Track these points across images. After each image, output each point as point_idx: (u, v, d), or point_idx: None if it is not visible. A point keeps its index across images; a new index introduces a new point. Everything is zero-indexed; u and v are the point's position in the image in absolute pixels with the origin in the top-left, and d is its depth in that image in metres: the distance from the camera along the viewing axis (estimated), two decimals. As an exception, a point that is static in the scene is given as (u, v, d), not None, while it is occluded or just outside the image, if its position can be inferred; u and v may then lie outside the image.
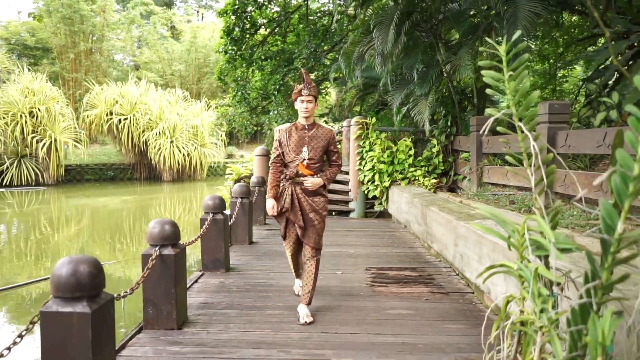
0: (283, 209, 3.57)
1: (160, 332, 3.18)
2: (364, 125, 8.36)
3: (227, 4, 11.73)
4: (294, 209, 3.54)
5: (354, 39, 7.85)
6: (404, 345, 3.09)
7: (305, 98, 3.47)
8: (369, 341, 3.16)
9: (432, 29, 7.28)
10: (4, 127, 20.66)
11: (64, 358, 2.15)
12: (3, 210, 15.62)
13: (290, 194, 3.54)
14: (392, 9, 6.68)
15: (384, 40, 6.43)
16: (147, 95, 24.36)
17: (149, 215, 14.85)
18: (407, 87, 6.99)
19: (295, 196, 3.54)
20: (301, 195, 3.54)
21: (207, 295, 4.09)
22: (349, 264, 5.22)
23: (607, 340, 1.23)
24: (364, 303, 3.93)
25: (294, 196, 3.54)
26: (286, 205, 3.54)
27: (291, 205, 3.54)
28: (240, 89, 13.15)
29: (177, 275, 3.19)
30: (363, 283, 4.53)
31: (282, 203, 3.57)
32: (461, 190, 7.33)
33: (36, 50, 27.03)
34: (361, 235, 6.93)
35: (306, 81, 3.50)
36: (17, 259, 9.07)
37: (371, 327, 3.42)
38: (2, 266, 8.60)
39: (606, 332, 1.22)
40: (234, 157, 29.66)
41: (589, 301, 1.38)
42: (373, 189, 8.25)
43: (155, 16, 30.76)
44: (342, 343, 3.12)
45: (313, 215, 3.55)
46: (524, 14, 6.08)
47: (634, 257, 1.31)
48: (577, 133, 4.42)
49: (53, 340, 2.16)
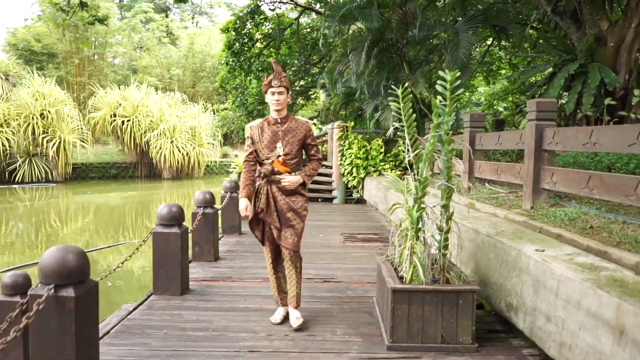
0: (258, 209, 3.31)
1: (167, 296, 3.96)
2: (344, 128, 10.24)
3: (229, 22, 13.55)
4: (269, 209, 3.28)
5: (335, 59, 9.71)
6: (361, 268, 4.95)
7: (275, 89, 3.25)
8: (338, 267, 5.02)
9: (398, 52, 9.16)
10: (17, 127, 22.25)
11: (167, 265, 3.96)
12: (15, 205, 16.92)
13: (266, 193, 3.29)
14: (364, 37, 8.55)
15: (357, 63, 8.29)
16: (148, 98, 26.03)
17: (150, 210, 16.06)
18: (376, 98, 8.85)
19: (270, 195, 3.29)
20: (278, 194, 3.30)
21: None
22: (329, 231, 7.09)
23: (415, 224, 3.08)
24: (337, 250, 5.82)
25: (269, 195, 3.29)
26: (261, 206, 3.28)
27: (266, 206, 3.28)
28: (239, 95, 14.99)
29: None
30: (338, 241, 6.39)
31: (257, 204, 3.32)
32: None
33: (42, 55, 28.57)
34: (341, 214, 8.81)
35: (276, 71, 3.28)
36: (28, 251, 9.69)
37: (340, 261, 5.30)
38: (15, 258, 8.98)
39: (414, 217, 3.08)
40: (229, 157, 31.37)
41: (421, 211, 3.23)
42: (351, 179, 10.14)
43: (154, 23, 32.46)
44: (320, 266, 4.98)
45: (291, 215, 3.30)
46: (463, 43, 7.98)
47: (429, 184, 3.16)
48: (505, 134, 6.26)
49: (160, 250, 3.96)
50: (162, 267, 3.95)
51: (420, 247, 3.16)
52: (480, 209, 5.12)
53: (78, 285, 2.20)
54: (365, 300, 3.96)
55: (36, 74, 23.98)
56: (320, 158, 3.49)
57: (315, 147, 3.47)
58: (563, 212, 4.08)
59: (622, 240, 3.12)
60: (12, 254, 9.39)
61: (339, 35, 9.67)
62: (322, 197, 10.73)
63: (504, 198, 5.41)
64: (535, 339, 2.86)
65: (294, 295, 3.41)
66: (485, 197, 5.59)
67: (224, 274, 4.75)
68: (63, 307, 2.11)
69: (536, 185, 4.53)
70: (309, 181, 3.40)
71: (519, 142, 5.02)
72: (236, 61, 13.88)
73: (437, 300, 2.97)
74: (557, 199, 4.59)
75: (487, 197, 5.59)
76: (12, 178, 22.48)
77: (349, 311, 3.72)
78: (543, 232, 3.69)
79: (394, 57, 9.15)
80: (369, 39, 8.48)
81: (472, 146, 6.46)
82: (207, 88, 32.58)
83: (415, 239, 3.22)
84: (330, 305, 3.86)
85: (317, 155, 3.46)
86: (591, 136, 3.68)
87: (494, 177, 5.93)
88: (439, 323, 2.98)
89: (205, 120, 27.17)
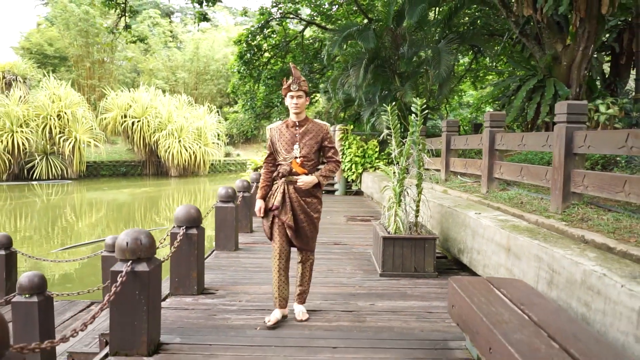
0: (272, 206, 3.38)
1: (226, 251, 5.67)
2: (345, 131, 11.93)
3: (241, 35, 15.23)
4: (284, 207, 3.35)
5: (337, 72, 11.40)
6: (360, 237, 6.62)
7: (294, 93, 3.32)
8: (344, 235, 6.71)
9: (390, 66, 10.85)
10: (36, 128, 23.79)
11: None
12: (33, 200, 18.11)
13: (282, 191, 3.36)
14: (362, 55, 10.23)
15: (357, 76, 9.97)
16: (156, 100, 27.62)
17: (159, 205, 17.24)
18: (372, 106, 10.53)
19: (287, 195, 3.36)
20: (293, 195, 3.37)
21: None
22: (335, 214, 8.78)
23: (398, 196, 4.76)
24: (342, 227, 7.50)
25: (286, 194, 3.36)
26: (276, 203, 3.35)
27: (282, 204, 3.35)
28: (248, 99, 16.68)
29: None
30: (342, 221, 8.08)
31: (272, 200, 3.40)
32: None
33: (54, 58, 30.09)
34: (343, 203, 10.51)
35: (295, 76, 3.34)
36: (45, 244, 10.17)
37: (345, 233, 6.98)
38: (32, 250, 9.30)
39: (397, 192, 4.76)
40: (231, 156, 32.99)
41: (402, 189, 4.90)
42: (351, 174, 11.82)
43: (160, 28, 34.07)
44: (331, 235, 6.65)
45: (304, 217, 3.38)
46: (444, 61, 9.67)
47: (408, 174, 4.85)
48: (471, 137, 7.97)
49: (220, 218, 5.60)
50: (222, 231, 5.60)
51: (402, 211, 4.84)
52: (451, 194, 6.81)
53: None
54: (364, 253, 5.65)
55: (52, 77, 25.50)
56: (338, 160, 3.49)
57: (333, 149, 3.49)
58: (507, 194, 5.77)
59: (535, 209, 4.81)
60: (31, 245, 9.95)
61: (341, 51, 11.34)
62: (326, 189, 12.42)
63: (470, 186, 7.09)
64: (472, 267, 4.54)
65: (302, 292, 3.58)
66: (457, 186, 7.28)
67: (259, 240, 6.42)
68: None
69: (490, 175, 6.20)
70: (324, 182, 3.44)
71: (480, 144, 6.70)
72: (246, 70, 15.54)
73: (411, 245, 4.64)
74: (504, 185, 6.28)
75: (457, 186, 7.28)
76: (30, 175, 24.02)
77: (353, 259, 5.41)
78: (490, 207, 5.38)
79: (387, 71, 10.83)
80: (366, 57, 10.17)
81: (449, 146, 8.15)
82: (210, 90, 34.21)
83: (398, 206, 4.90)
84: (340, 257, 5.53)
85: (334, 157, 3.47)
86: (523, 139, 5.37)
87: (463, 170, 7.63)
88: (413, 259, 4.65)
89: (210, 121, 28.79)
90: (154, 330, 2.97)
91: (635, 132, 3.62)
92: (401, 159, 4.85)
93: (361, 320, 3.52)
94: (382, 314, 3.66)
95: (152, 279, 2.85)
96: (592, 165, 6.65)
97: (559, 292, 3.05)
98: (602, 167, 6.65)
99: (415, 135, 4.70)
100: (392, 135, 5.03)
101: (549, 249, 3.23)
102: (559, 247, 3.24)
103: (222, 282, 4.49)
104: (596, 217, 3.95)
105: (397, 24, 10.30)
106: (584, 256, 2.97)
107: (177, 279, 3.96)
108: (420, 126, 4.71)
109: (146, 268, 2.81)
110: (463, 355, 2.96)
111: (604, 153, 4.49)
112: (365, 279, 4.61)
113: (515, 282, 3.01)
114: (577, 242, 3.40)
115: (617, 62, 10.45)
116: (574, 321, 2.36)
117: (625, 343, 2.36)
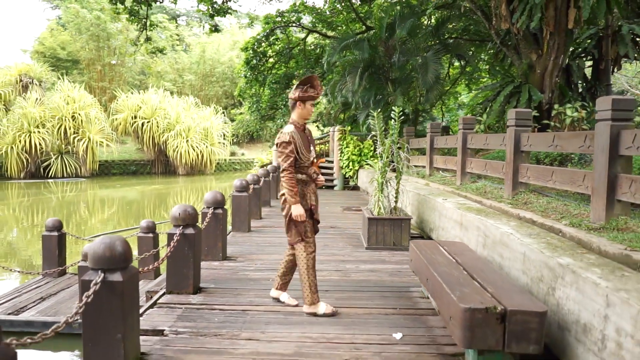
0: (311, 206, 3.62)
1: (241, 232, 7.70)
2: (343, 132, 13.09)
3: (247, 42, 16.42)
4: (317, 205, 3.71)
5: (336, 79, 12.56)
6: (353, 223, 7.79)
7: (315, 102, 3.56)
8: (339, 221, 7.88)
9: (384, 74, 12.01)
10: (51, 128, 25.04)
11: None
12: (49, 197, 19.11)
13: (313, 191, 3.66)
14: (358, 63, 11.39)
15: (353, 83, 11.13)
16: (165, 101, 28.85)
17: (172, 201, 18.05)
18: (367, 109, 11.69)
19: (316, 193, 3.72)
20: (314, 192, 3.72)
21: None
22: (333, 205, 9.96)
23: (380, 185, 5.93)
24: (338, 215, 8.68)
25: (316, 193, 3.71)
26: (313, 203, 3.64)
27: (316, 202, 3.69)
28: (254, 102, 17.89)
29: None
30: (339, 210, 9.25)
31: (309, 202, 3.61)
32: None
33: (67, 62, 31.36)
34: (340, 196, 11.68)
35: (317, 85, 3.54)
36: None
37: (340, 219, 8.15)
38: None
39: (380, 181, 5.92)
40: (236, 155, 34.19)
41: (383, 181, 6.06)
42: (348, 171, 12.99)
43: (167, 32, 35.33)
44: (328, 222, 7.81)
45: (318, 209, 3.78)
46: (431, 70, 10.82)
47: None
48: (449, 137, 9.11)
49: (236, 205, 6.78)
50: (237, 216, 6.77)
51: (384, 198, 6.00)
52: (432, 186, 7.97)
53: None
54: (354, 234, 6.83)
55: (66, 80, 26.76)
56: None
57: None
58: (475, 185, 6.92)
59: (494, 196, 5.95)
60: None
61: (340, 59, 12.51)
62: (326, 185, 13.59)
63: (448, 180, 8.24)
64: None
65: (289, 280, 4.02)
66: (437, 180, 8.44)
67: (267, 225, 7.59)
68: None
69: (463, 170, 7.35)
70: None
71: (456, 143, 7.85)
72: (253, 74, 16.73)
73: (391, 224, 5.81)
74: (475, 178, 7.43)
75: (438, 179, 8.44)
76: (46, 173, 25.29)
77: (345, 238, 6.58)
78: (459, 195, 6.53)
79: (381, 78, 11.99)
80: (361, 65, 11.33)
81: (432, 146, 9.30)
82: (216, 92, 35.44)
83: (381, 193, 6.06)
84: (334, 236, 6.70)
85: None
86: (487, 139, 6.52)
87: (444, 166, 8.78)
88: (392, 235, 5.81)
89: (216, 122, 29.99)
90: (196, 278, 4.15)
91: (559, 134, 4.78)
92: (383, 155, 6.01)
93: (347, 276, 4.70)
94: (364, 272, 4.83)
95: (196, 241, 4.03)
96: (552, 162, 7.82)
97: (488, 250, 4.22)
98: (560, 163, 7.84)
99: (394, 136, 5.86)
100: (377, 136, 6.18)
101: (485, 221, 4.39)
102: (492, 219, 4.40)
103: (240, 252, 5.68)
104: (535, 201, 5.11)
105: (390, 35, 11.45)
106: (506, 225, 4.13)
107: (207, 247, 5.13)
108: (397, 129, 5.87)
109: (192, 231, 3.98)
110: (419, 295, 4.12)
111: (539, 150, 5.63)
112: (354, 251, 5.77)
113: (457, 243, 4.17)
114: (513, 218, 4.56)
115: (597, 67, 11.41)
116: (486, 263, 3.52)
117: (519, 276, 3.52)
